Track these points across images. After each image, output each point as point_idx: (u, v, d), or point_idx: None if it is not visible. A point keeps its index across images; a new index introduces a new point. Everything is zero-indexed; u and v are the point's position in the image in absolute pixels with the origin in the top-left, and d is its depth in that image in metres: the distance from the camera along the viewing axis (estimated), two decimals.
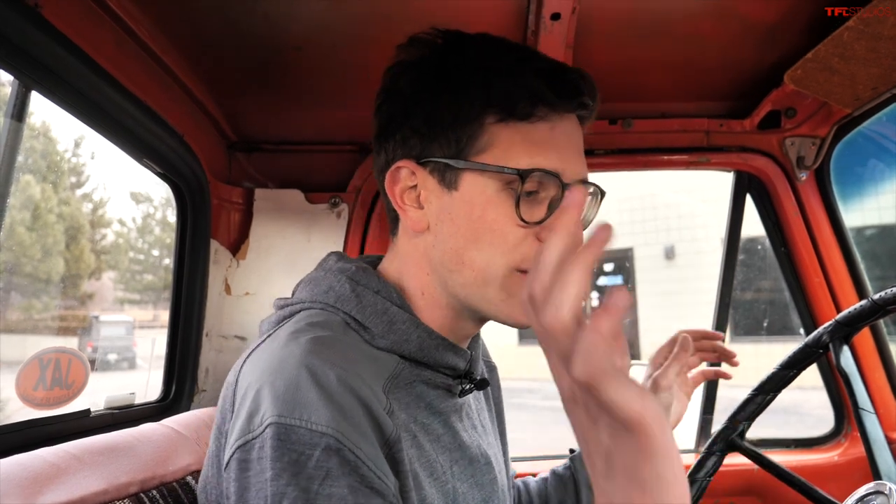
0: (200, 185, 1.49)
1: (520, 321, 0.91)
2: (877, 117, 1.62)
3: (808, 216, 1.72)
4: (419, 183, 0.93)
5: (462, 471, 0.96)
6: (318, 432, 0.71)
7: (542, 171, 0.87)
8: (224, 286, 1.65)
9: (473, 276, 0.90)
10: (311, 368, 0.76)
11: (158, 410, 1.46)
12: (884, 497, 0.93)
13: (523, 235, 0.88)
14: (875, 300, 1.12)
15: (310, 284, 0.96)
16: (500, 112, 0.88)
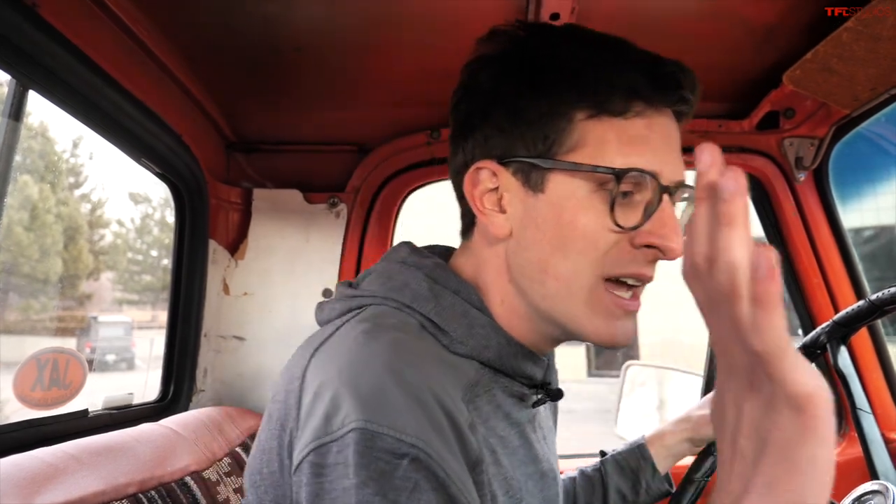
0: (199, 185, 1.49)
1: (605, 339, 0.83)
2: (875, 118, 1.62)
3: (807, 216, 1.72)
4: (501, 185, 0.85)
5: (534, 485, 0.91)
6: (406, 442, 0.65)
7: (640, 171, 0.78)
8: (222, 286, 1.65)
9: (557, 287, 0.82)
10: (398, 373, 0.70)
11: (157, 411, 1.46)
12: (881, 496, 0.93)
13: (614, 241, 0.80)
14: (872, 301, 1.12)
15: (381, 277, 0.89)
16: (592, 107, 0.80)
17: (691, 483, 1.22)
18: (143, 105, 1.24)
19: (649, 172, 0.79)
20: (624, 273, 0.81)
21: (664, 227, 0.80)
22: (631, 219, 0.80)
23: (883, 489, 0.94)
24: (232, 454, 1.32)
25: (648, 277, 0.82)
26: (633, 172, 0.78)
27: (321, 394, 0.71)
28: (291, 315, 1.69)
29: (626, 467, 1.29)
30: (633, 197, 0.80)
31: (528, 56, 0.85)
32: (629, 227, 0.79)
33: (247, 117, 1.66)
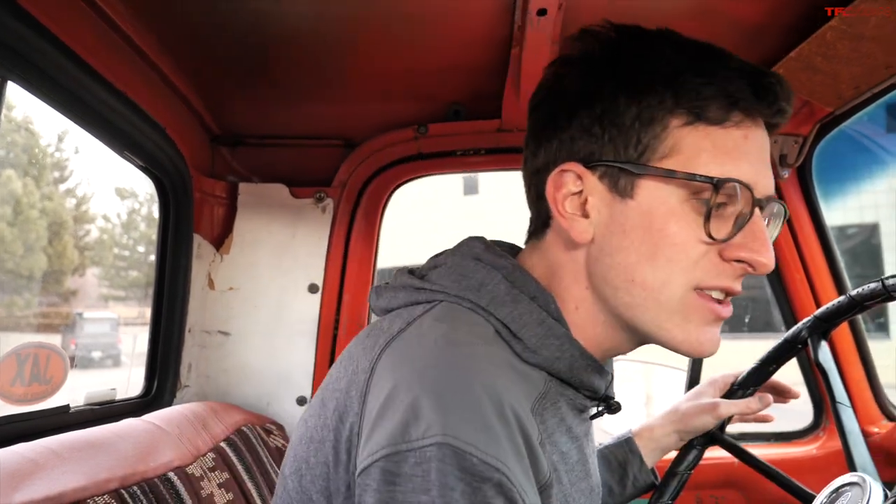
0: (182, 178, 1.48)
1: (694, 347, 0.81)
2: (858, 116, 1.63)
3: (790, 214, 1.73)
4: (585, 189, 0.82)
5: (585, 499, 0.89)
6: (491, 465, 0.63)
7: (738, 181, 0.76)
8: (207, 281, 1.64)
9: (645, 297, 0.80)
10: (484, 387, 0.68)
11: (140, 406, 1.45)
12: (858, 488, 0.94)
13: (704, 252, 0.78)
14: (852, 296, 1.13)
15: (454, 273, 0.85)
16: (690, 114, 0.77)
17: (674, 476, 1.23)
18: (125, 97, 1.23)
19: (746, 184, 0.76)
20: (712, 286, 0.79)
21: (755, 240, 0.78)
22: (722, 230, 0.78)
23: (860, 481, 0.95)
24: (216, 449, 1.32)
25: (736, 292, 0.80)
26: (732, 183, 0.76)
27: (397, 396, 0.68)
28: (277, 310, 1.69)
29: (614, 461, 1.29)
30: (725, 209, 0.78)
31: (622, 58, 0.83)
32: (721, 238, 0.77)
33: (232, 111, 1.65)
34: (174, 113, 1.48)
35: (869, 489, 0.91)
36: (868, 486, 0.92)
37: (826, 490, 0.98)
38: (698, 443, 1.26)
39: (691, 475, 1.26)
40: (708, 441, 1.26)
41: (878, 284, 1.07)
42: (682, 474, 1.24)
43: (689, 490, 1.59)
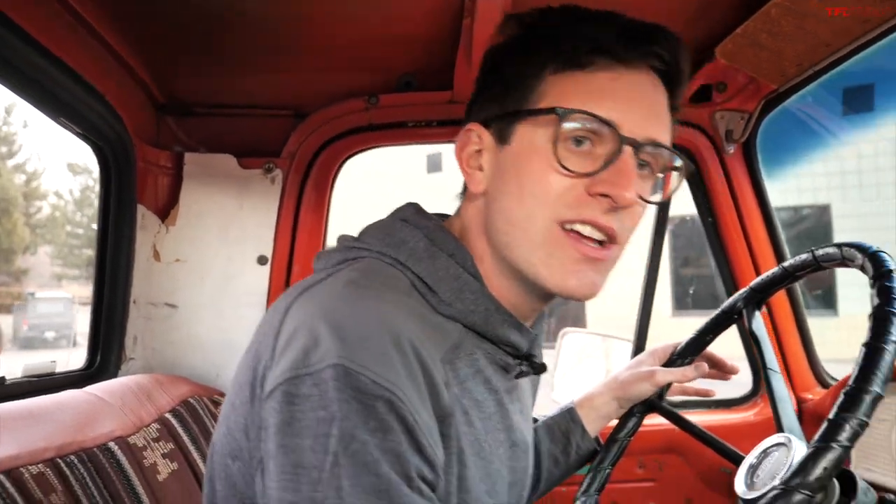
0: (125, 147, 1.45)
1: (564, 286, 0.85)
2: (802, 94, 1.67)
3: (735, 188, 1.77)
4: (483, 145, 0.89)
5: (504, 452, 0.92)
6: (382, 386, 0.68)
7: (588, 114, 0.80)
8: (153, 252, 1.62)
9: (515, 233, 0.85)
10: (381, 320, 0.73)
11: (82, 378, 1.43)
12: (784, 448, 0.97)
13: (569, 186, 0.82)
14: (785, 267, 1.17)
15: (381, 232, 0.91)
16: (559, 62, 0.84)
17: (614, 442, 1.26)
18: (62, 63, 1.19)
19: (604, 119, 0.80)
20: (577, 217, 0.82)
21: (618, 175, 0.81)
22: (588, 166, 0.81)
23: (786, 441, 0.98)
24: (161, 420, 1.30)
25: (605, 226, 0.83)
26: (580, 114, 0.80)
27: (301, 329, 0.73)
28: (225, 282, 1.67)
29: (557, 431, 1.32)
30: (591, 147, 0.82)
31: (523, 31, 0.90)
32: (579, 171, 0.81)
33: (179, 79, 1.62)
34: (116, 81, 1.44)
35: (793, 448, 0.95)
36: (793, 445, 0.95)
37: (755, 451, 1.01)
38: (637, 410, 1.29)
39: (631, 441, 1.29)
40: (647, 409, 1.29)
41: (809, 255, 1.10)
42: (622, 441, 1.27)
43: (632, 455, 1.64)
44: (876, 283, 0.90)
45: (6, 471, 0.90)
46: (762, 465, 0.96)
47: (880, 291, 0.88)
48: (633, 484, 1.77)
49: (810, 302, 11.73)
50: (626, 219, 0.85)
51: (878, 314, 0.86)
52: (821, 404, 1.70)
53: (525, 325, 0.92)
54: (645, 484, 1.78)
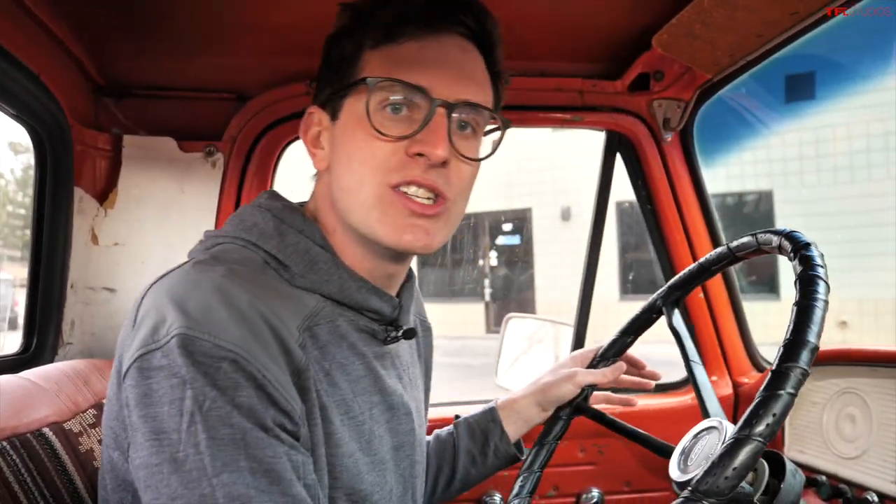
0: (61, 129, 1.41)
1: (397, 240, 0.91)
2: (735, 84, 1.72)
3: (672, 175, 1.81)
4: (322, 126, 0.98)
5: (380, 414, 0.98)
6: (224, 347, 0.73)
7: (395, 80, 0.88)
8: (90, 236, 1.59)
9: (351, 200, 0.92)
10: (224, 292, 0.78)
11: (18, 363, 1.40)
12: (716, 431, 1.01)
13: (391, 150, 0.89)
14: (702, 263, 1.22)
15: (235, 219, 0.97)
16: (375, 38, 0.91)
17: (543, 446, 1.31)
18: None
19: (412, 85, 0.88)
20: (403, 179, 0.90)
21: (430, 134, 0.89)
22: (403, 131, 0.89)
23: (717, 424, 1.02)
24: (98, 406, 1.29)
25: (427, 183, 0.90)
26: (387, 81, 0.88)
27: (150, 310, 0.79)
28: (165, 266, 1.58)
29: (477, 429, 1.36)
30: (410, 114, 0.90)
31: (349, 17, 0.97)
32: (397, 135, 0.89)
33: (117, 60, 1.58)
34: (52, 61, 1.40)
35: (724, 430, 0.98)
36: (724, 427, 0.99)
37: (687, 436, 1.05)
38: (564, 414, 1.34)
39: (571, 425, 1.33)
40: (573, 411, 1.34)
41: (725, 249, 1.16)
42: (550, 444, 1.31)
43: (572, 440, 1.68)
44: (796, 255, 0.95)
45: None
46: (695, 448, 1.00)
47: (802, 260, 0.93)
48: (574, 468, 1.81)
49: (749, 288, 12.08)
50: (451, 176, 0.92)
51: (803, 277, 0.90)
52: (756, 388, 1.76)
53: (384, 291, 0.98)
54: (586, 468, 1.83)
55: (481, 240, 15.67)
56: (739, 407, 1.83)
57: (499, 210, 15.80)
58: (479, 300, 15.55)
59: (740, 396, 1.83)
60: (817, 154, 12.47)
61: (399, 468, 1.02)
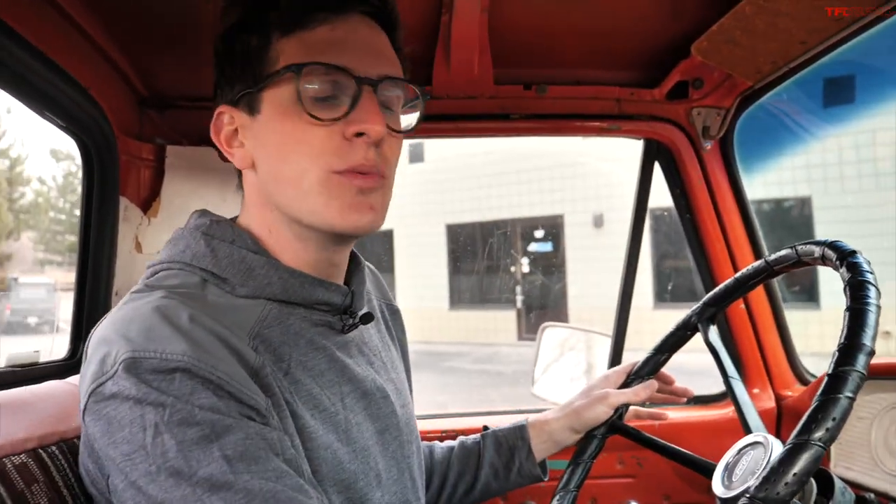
0: (107, 140, 1.45)
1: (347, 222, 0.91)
2: (777, 91, 1.69)
3: (712, 184, 1.79)
4: (237, 123, 0.95)
5: (355, 403, 0.98)
6: (172, 360, 0.74)
7: (321, 64, 0.87)
8: (134, 244, 1.62)
9: (293, 192, 0.91)
10: (162, 310, 0.79)
11: (65, 369, 1.44)
12: (761, 446, 0.99)
13: (326, 136, 0.89)
14: (738, 278, 1.21)
15: (169, 244, 0.97)
16: (283, 27, 0.90)
17: (578, 465, 1.29)
18: (44, 56, 1.19)
19: (337, 66, 0.88)
20: (348, 166, 0.89)
21: (365, 112, 0.88)
22: (336, 113, 0.88)
23: (762, 439, 1.00)
24: None
25: (372, 166, 0.90)
26: (314, 65, 0.87)
27: (97, 346, 0.80)
28: None
29: (504, 445, 1.35)
30: (337, 97, 0.89)
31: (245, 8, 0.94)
32: (332, 118, 0.88)
33: (161, 72, 1.62)
34: (99, 73, 1.44)
35: (770, 444, 0.97)
36: (769, 442, 0.98)
37: (731, 450, 1.03)
38: (598, 433, 1.32)
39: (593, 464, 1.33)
40: (608, 430, 1.32)
41: (762, 263, 1.14)
42: (586, 463, 1.29)
43: (610, 452, 1.66)
44: (842, 263, 0.93)
45: None
46: (739, 463, 0.98)
47: (850, 267, 0.91)
48: (612, 480, 1.79)
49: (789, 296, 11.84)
50: (386, 152, 0.93)
51: (853, 283, 0.88)
52: (800, 401, 1.74)
53: (330, 282, 0.97)
54: (625, 480, 1.81)
55: (513, 247, 15.63)
56: (783, 421, 1.79)
57: (530, 217, 15.76)
58: (511, 307, 15.50)
59: (783, 410, 1.79)
60: (858, 159, 12.21)
61: (388, 451, 1.02)
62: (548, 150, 14.46)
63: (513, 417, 1.45)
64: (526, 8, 1.42)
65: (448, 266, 16.30)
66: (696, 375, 1.51)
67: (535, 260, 15.96)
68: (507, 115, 1.74)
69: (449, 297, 16.39)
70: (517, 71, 1.68)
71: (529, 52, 1.60)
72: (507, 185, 15.56)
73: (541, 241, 15.87)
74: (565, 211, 15.47)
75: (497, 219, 15.83)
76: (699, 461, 1.16)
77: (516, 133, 1.76)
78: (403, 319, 1.32)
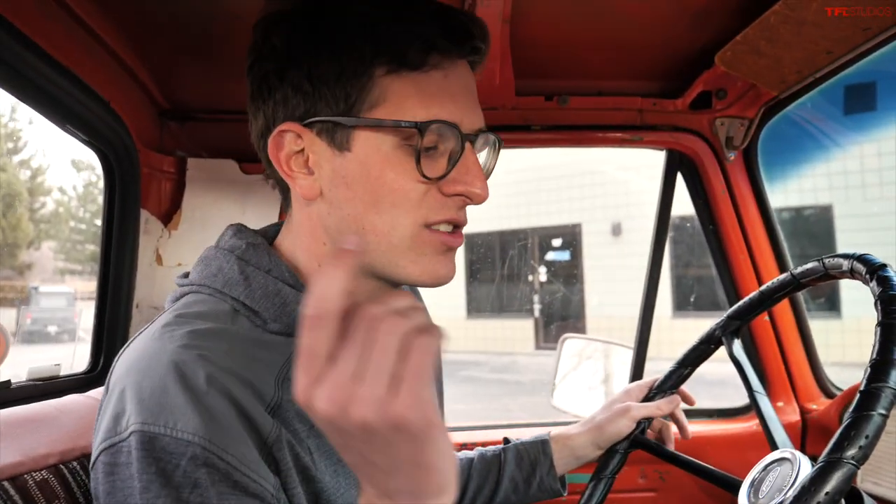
0: (128, 153, 1.45)
1: (432, 278, 0.87)
2: (801, 101, 1.67)
3: (736, 195, 1.77)
4: (306, 146, 0.85)
5: None
6: (183, 441, 0.69)
7: (441, 122, 0.82)
8: (155, 256, 1.63)
9: (377, 242, 0.85)
10: (180, 367, 0.73)
11: (85, 382, 1.44)
12: (788, 462, 0.97)
13: (424, 192, 0.84)
14: (763, 291, 1.19)
15: (200, 264, 0.92)
16: (391, 62, 0.81)
17: (600, 480, 1.28)
18: (66, 70, 1.20)
19: (451, 123, 0.82)
20: (438, 220, 0.86)
21: (468, 173, 0.85)
22: (437, 170, 0.84)
23: (790, 455, 0.98)
24: None
25: (462, 222, 0.88)
26: (436, 124, 0.81)
27: (114, 390, 0.75)
28: None
29: (526, 458, 1.33)
30: (437, 149, 0.84)
31: (322, 12, 0.84)
32: (436, 177, 0.83)
33: (181, 85, 1.62)
34: (120, 87, 1.45)
35: (798, 460, 0.95)
36: (797, 458, 0.96)
37: (758, 466, 1.02)
38: (621, 447, 1.30)
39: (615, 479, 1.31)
40: (630, 445, 1.31)
41: (788, 276, 1.13)
42: (608, 479, 1.28)
43: (633, 466, 1.64)
44: (872, 276, 0.92)
45: (11, 478, 0.92)
46: (766, 480, 0.96)
47: (880, 281, 0.90)
48: (634, 494, 1.77)
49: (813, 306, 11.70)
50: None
51: (884, 297, 0.87)
52: (825, 414, 1.70)
53: None
54: (647, 494, 1.78)
55: (530, 256, 15.59)
56: (808, 435, 1.76)
57: (548, 226, 15.72)
58: (529, 316, 15.45)
59: (808, 423, 1.76)
60: (880, 167, 12.08)
61: None
62: (566, 160, 14.44)
63: (531, 430, 1.43)
64: (547, 19, 1.41)
65: (465, 275, 16.27)
66: (716, 385, 1.49)
67: (552, 269, 15.91)
68: (529, 126, 1.73)
69: (466, 305, 16.36)
70: (539, 82, 1.67)
71: (551, 62, 1.59)
72: (524, 193, 15.53)
73: (558, 249, 15.81)
74: (583, 220, 15.42)
75: (514, 228, 15.80)
76: (724, 477, 1.14)
77: (538, 144, 1.75)
78: None
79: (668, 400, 1.32)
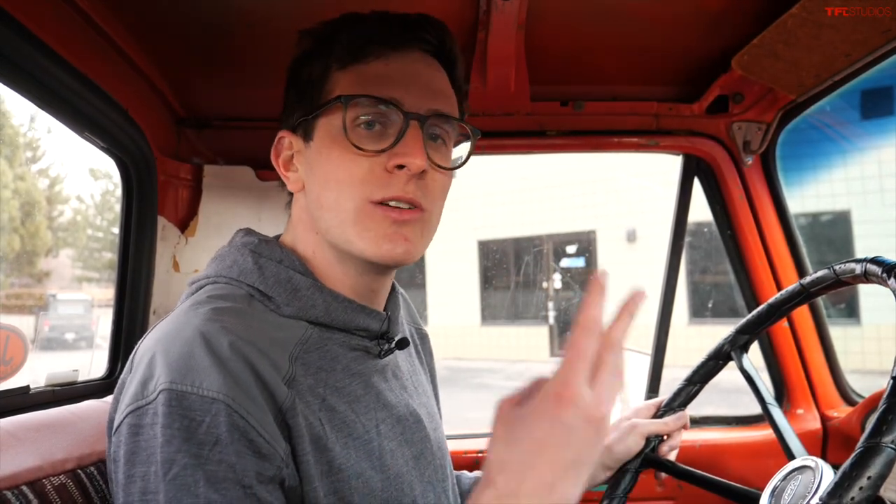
0: (146, 160, 1.46)
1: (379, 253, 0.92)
2: (820, 105, 1.65)
3: (753, 200, 1.76)
4: (294, 149, 1.00)
5: (390, 429, 0.97)
6: (208, 398, 0.74)
7: (369, 96, 0.91)
8: (172, 263, 1.63)
9: (330, 217, 0.93)
10: (205, 335, 0.79)
11: (102, 388, 1.45)
12: (810, 471, 0.96)
13: (368, 167, 0.91)
14: (772, 304, 1.18)
15: (216, 260, 0.99)
16: (340, 60, 0.94)
17: (613, 500, 1.27)
18: (86, 78, 1.21)
19: (384, 99, 0.91)
20: (385, 196, 0.91)
21: (407, 146, 0.90)
22: (380, 145, 0.91)
23: (812, 463, 0.97)
24: None
25: (410, 198, 0.92)
26: (363, 98, 0.91)
27: (142, 361, 0.80)
28: None
29: None
30: (384, 129, 0.92)
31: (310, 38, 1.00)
32: (374, 150, 0.91)
33: (198, 93, 1.63)
34: (137, 95, 1.46)
35: (820, 467, 0.94)
36: (819, 465, 0.94)
37: (778, 474, 1.00)
38: (632, 466, 1.29)
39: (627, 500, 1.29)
40: (642, 464, 1.30)
41: (797, 286, 1.12)
42: (620, 499, 1.27)
43: (649, 472, 1.62)
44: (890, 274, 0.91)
45: (29, 482, 0.93)
46: (787, 488, 0.95)
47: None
48: (652, 502, 1.75)
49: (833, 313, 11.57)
50: (427, 186, 0.94)
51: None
52: (847, 422, 1.68)
53: (371, 308, 0.98)
54: (664, 502, 1.76)
55: (545, 262, 15.55)
56: (829, 442, 1.74)
57: (562, 232, 15.66)
58: (543, 324, 15.39)
59: (829, 431, 1.74)
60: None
61: (424, 476, 1.01)
62: (580, 166, 14.39)
63: None
64: (562, 24, 1.41)
65: (480, 282, 16.25)
66: (732, 393, 1.47)
67: (567, 275, 15.84)
68: (544, 131, 1.72)
69: (481, 312, 16.33)
70: (554, 87, 1.67)
71: (566, 68, 1.59)
72: (539, 200, 15.49)
73: (573, 256, 15.75)
74: (598, 226, 15.35)
75: (529, 234, 15.76)
76: (741, 491, 1.12)
77: (553, 150, 1.75)
78: (432, 341, 1.32)
79: (677, 417, 1.32)
